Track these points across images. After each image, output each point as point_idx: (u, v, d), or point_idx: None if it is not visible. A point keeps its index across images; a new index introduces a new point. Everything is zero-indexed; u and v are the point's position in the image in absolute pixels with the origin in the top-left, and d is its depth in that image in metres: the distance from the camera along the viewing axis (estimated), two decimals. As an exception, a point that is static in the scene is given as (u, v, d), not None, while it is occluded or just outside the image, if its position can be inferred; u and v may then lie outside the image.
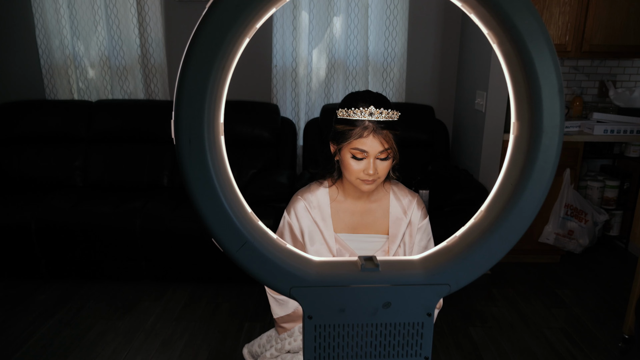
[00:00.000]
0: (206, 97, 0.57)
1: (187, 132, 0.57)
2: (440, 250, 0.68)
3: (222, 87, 0.60)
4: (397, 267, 0.65)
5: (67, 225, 2.94)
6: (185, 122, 0.57)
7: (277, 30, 3.52)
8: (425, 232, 1.48)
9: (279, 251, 0.64)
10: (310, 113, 3.72)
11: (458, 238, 0.67)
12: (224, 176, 0.61)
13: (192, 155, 0.57)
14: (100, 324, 2.66)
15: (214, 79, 0.57)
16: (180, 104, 0.57)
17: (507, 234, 0.63)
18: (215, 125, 0.60)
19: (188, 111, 0.57)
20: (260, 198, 3.00)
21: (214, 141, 0.59)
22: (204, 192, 0.59)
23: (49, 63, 3.66)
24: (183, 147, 0.57)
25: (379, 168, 1.31)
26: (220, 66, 0.57)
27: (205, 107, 0.57)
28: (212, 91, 0.58)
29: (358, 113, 1.27)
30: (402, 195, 1.48)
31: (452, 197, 2.87)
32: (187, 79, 0.57)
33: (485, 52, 3.08)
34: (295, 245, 1.47)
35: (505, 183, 0.65)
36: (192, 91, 0.57)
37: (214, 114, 0.59)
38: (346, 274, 0.63)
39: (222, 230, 0.60)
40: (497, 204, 0.64)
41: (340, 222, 1.45)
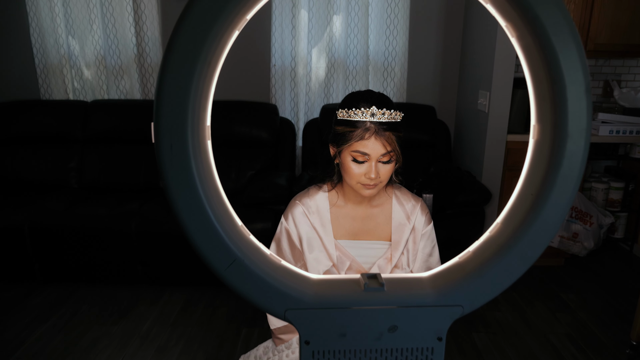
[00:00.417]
0: (190, 96, 0.50)
1: (168, 137, 0.51)
2: (451, 268, 0.61)
3: (208, 85, 0.53)
4: (404, 286, 0.59)
5: (61, 228, 2.88)
6: (167, 125, 0.51)
7: (276, 29, 3.45)
8: (429, 238, 1.41)
9: (272, 269, 0.57)
10: (310, 113, 3.65)
11: (471, 254, 0.60)
12: (211, 186, 0.54)
13: (174, 163, 0.51)
14: (94, 329, 2.59)
15: (198, 76, 0.51)
16: (160, 105, 0.51)
17: (527, 249, 0.56)
18: (200, 128, 0.53)
19: (169, 113, 0.51)
20: (258, 200, 2.94)
21: (199, 146, 0.52)
22: (188, 204, 0.52)
23: (43, 62, 3.59)
24: (164, 153, 0.51)
25: (381, 172, 1.25)
26: (206, 62, 0.50)
27: (189, 108, 0.51)
28: (197, 90, 0.51)
29: (359, 114, 1.20)
30: (405, 199, 1.41)
31: (454, 199, 2.81)
32: (168, 76, 0.50)
33: (488, 51, 3.02)
34: (293, 253, 1.40)
35: (525, 193, 0.58)
36: (174, 90, 0.50)
37: (200, 116, 0.53)
38: (347, 295, 0.57)
39: (209, 247, 0.54)
40: (516, 216, 0.58)
41: (341, 228, 1.39)
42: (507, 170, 3.14)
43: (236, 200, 3.12)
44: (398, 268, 1.37)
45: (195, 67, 0.50)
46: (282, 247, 1.41)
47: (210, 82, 0.54)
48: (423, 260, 1.40)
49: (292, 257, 1.41)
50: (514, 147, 3.10)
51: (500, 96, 2.98)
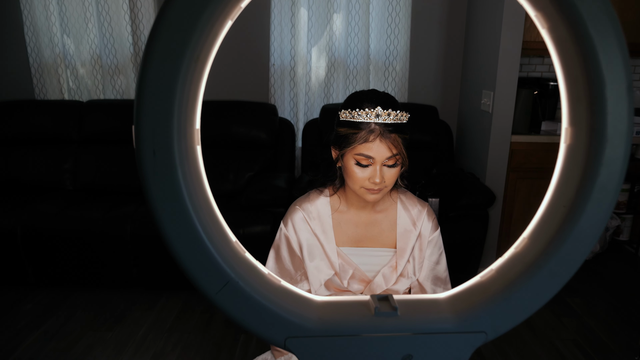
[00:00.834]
0: (176, 95, 0.44)
1: (150, 142, 0.44)
2: (472, 288, 0.54)
3: (197, 83, 0.46)
4: (420, 310, 0.52)
5: (55, 231, 2.81)
6: (149, 129, 0.44)
7: (275, 28, 3.38)
8: (436, 245, 1.35)
9: (271, 291, 0.50)
10: (310, 114, 3.59)
11: (495, 272, 0.53)
12: (201, 197, 0.48)
13: (158, 171, 0.44)
14: (88, 335, 2.53)
15: (186, 72, 0.44)
16: (142, 105, 0.44)
17: (559, 268, 0.50)
18: (188, 132, 0.46)
19: (152, 114, 0.44)
20: (256, 202, 2.87)
21: (186, 153, 0.45)
22: (174, 218, 0.46)
23: (37, 62, 3.52)
24: (146, 160, 0.44)
25: (386, 176, 1.18)
26: (194, 56, 0.43)
27: (175, 109, 0.44)
28: (184, 88, 0.44)
29: (363, 115, 1.14)
30: (411, 205, 1.35)
31: (457, 202, 2.74)
32: (151, 72, 0.44)
33: (492, 50, 2.95)
34: (293, 261, 1.34)
35: (556, 205, 0.51)
36: (158, 88, 0.44)
37: (188, 118, 0.46)
38: (356, 320, 0.50)
39: (197, 267, 0.47)
40: (546, 230, 0.51)
41: (343, 234, 1.32)
42: (511, 171, 3.08)
43: (234, 202, 3.06)
44: (404, 277, 1.31)
45: (182, 61, 0.43)
46: (282, 254, 1.34)
47: (199, 80, 0.47)
48: (430, 268, 1.34)
49: (292, 265, 1.34)
50: (518, 148, 3.04)
51: (505, 96, 2.91)
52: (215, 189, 3.25)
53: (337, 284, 1.30)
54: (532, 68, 3.53)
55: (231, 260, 0.49)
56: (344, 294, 1.34)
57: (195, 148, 0.48)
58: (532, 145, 3.04)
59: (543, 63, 3.52)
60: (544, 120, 3.25)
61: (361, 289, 1.33)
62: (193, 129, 0.48)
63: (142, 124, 0.44)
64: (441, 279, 1.34)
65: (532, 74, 3.54)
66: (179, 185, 0.45)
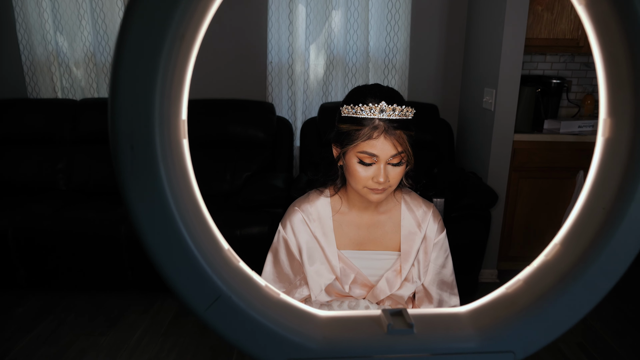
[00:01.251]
0: (157, 80, 0.37)
1: (127, 135, 0.38)
2: (497, 301, 0.48)
3: (182, 67, 0.40)
4: (438, 326, 0.46)
5: (48, 233, 2.74)
6: (125, 119, 0.38)
7: (272, 25, 3.32)
8: (442, 248, 1.28)
9: (268, 306, 0.44)
10: (308, 112, 3.52)
11: (523, 283, 0.47)
12: (187, 198, 0.41)
13: (136, 169, 0.38)
14: (81, 339, 2.46)
15: (169, 52, 0.37)
16: (117, 92, 0.38)
17: (598, 278, 0.44)
18: (173, 123, 0.40)
19: (129, 102, 0.38)
20: (254, 203, 2.80)
21: (170, 148, 0.39)
22: (155, 223, 0.39)
23: (30, 60, 3.45)
24: (122, 156, 0.38)
25: (390, 175, 1.12)
26: (178, 33, 0.37)
27: (156, 96, 0.38)
28: (167, 72, 0.38)
29: (366, 110, 1.07)
30: (416, 205, 1.28)
31: (459, 202, 2.68)
32: (128, 53, 0.37)
33: (494, 46, 2.89)
34: (291, 265, 1.27)
35: (593, 206, 0.45)
36: (136, 71, 0.37)
37: (172, 107, 0.40)
38: (366, 339, 0.44)
39: (184, 279, 0.41)
40: (582, 235, 0.45)
41: (344, 237, 1.25)
42: (514, 171, 3.02)
43: (231, 203, 2.99)
44: (408, 281, 1.24)
45: (165, 40, 0.37)
46: (280, 258, 1.28)
47: (185, 62, 0.41)
48: (435, 272, 1.27)
49: (291, 269, 1.28)
50: (520, 147, 2.98)
51: (507, 93, 2.85)
52: (211, 189, 3.19)
53: (338, 289, 1.24)
54: (534, 66, 3.47)
55: (222, 271, 0.42)
56: (345, 300, 1.28)
57: (181, 142, 0.42)
58: (535, 144, 2.99)
59: (545, 61, 3.46)
60: (546, 118, 3.19)
61: (363, 294, 1.26)
62: (178, 120, 0.41)
63: (117, 114, 0.38)
64: (447, 284, 1.28)
65: (534, 71, 3.48)
66: (161, 185, 0.39)
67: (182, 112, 0.42)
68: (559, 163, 3.02)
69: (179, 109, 0.41)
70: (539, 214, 3.10)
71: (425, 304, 1.29)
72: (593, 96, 3.48)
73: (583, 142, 2.98)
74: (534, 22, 2.98)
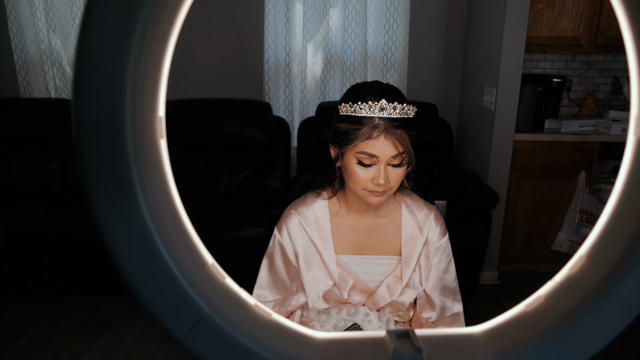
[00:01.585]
0: (128, 70, 0.32)
1: (93, 136, 0.32)
2: (515, 321, 0.43)
3: (158, 55, 0.35)
4: (450, 350, 0.41)
5: (40, 235, 2.68)
6: (90, 118, 0.32)
7: (269, 23, 3.26)
8: (444, 252, 1.23)
9: (258, 328, 0.39)
10: (305, 112, 3.47)
11: (544, 301, 0.42)
12: (165, 207, 0.36)
13: (104, 175, 0.32)
14: (73, 344, 2.40)
15: (141, 38, 0.32)
16: (81, 84, 0.32)
17: (631, 295, 0.39)
18: (147, 121, 0.35)
19: (95, 96, 0.32)
20: (251, 204, 2.75)
21: (144, 150, 0.34)
22: (127, 236, 0.34)
23: (22, 58, 3.39)
24: (88, 161, 0.32)
25: (391, 176, 1.06)
26: (152, 16, 0.32)
27: (127, 90, 0.32)
28: (140, 61, 0.33)
29: (366, 108, 1.02)
30: (417, 208, 1.23)
31: (459, 203, 2.63)
32: (93, 38, 0.32)
33: (495, 44, 2.84)
34: (288, 270, 1.22)
35: (624, 214, 0.40)
36: (103, 60, 0.32)
37: (146, 102, 0.34)
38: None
39: (160, 299, 0.35)
40: (612, 247, 0.40)
41: (343, 241, 1.20)
42: (514, 171, 2.97)
43: (227, 204, 2.94)
44: (409, 287, 1.19)
45: (136, 24, 0.32)
46: (276, 263, 1.23)
47: (161, 52, 0.35)
48: (438, 277, 1.22)
49: (287, 275, 1.22)
50: (521, 147, 2.94)
51: (508, 93, 2.81)
52: (207, 190, 3.13)
53: (337, 296, 1.18)
54: (534, 64, 3.42)
55: (206, 289, 0.37)
56: (344, 307, 1.23)
57: (158, 143, 0.37)
58: (536, 144, 2.94)
59: (546, 59, 3.41)
60: (547, 118, 3.15)
61: (363, 301, 1.21)
62: (155, 117, 0.36)
63: (80, 110, 0.33)
64: (450, 289, 1.23)
65: (534, 70, 3.43)
66: (134, 193, 0.34)
67: (158, 108, 0.36)
68: (560, 163, 2.97)
69: (154, 105, 0.36)
70: (540, 215, 3.06)
71: (427, 310, 1.24)
72: (594, 95, 3.44)
73: (584, 142, 2.94)
74: (534, 20, 2.94)
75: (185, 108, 3.26)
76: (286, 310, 1.22)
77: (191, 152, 3.22)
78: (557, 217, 3.05)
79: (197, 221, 2.72)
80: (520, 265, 3.18)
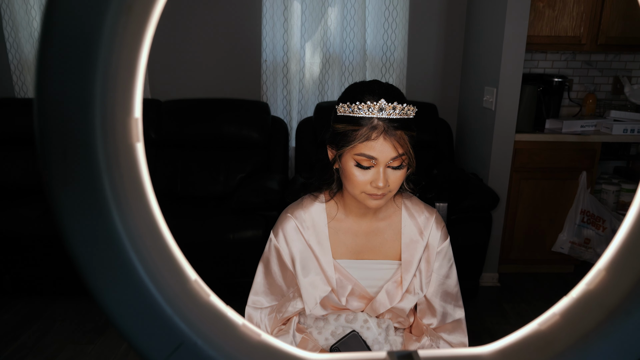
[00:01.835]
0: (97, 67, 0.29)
1: (58, 139, 0.29)
2: (528, 340, 0.39)
3: (132, 49, 0.31)
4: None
5: (35, 236, 2.64)
6: (55, 118, 0.29)
7: (267, 22, 3.23)
8: (446, 257, 1.19)
9: (246, 351, 0.35)
10: (304, 112, 3.43)
11: (560, 319, 0.39)
12: (142, 218, 0.32)
13: (72, 183, 0.29)
14: (68, 348, 2.36)
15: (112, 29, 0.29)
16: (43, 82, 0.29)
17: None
18: (121, 123, 0.31)
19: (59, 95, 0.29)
20: (248, 205, 2.71)
21: (117, 155, 0.30)
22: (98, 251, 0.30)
23: (17, 58, 3.35)
24: (52, 167, 0.29)
25: (390, 179, 1.03)
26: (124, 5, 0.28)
27: (97, 88, 0.29)
28: (111, 56, 0.29)
29: (364, 108, 0.98)
30: (417, 211, 1.19)
31: (459, 204, 2.60)
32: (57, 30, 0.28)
33: (495, 44, 2.81)
34: (284, 276, 1.18)
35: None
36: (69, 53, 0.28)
37: (119, 102, 0.31)
38: (368, 391, 0.35)
39: (136, 322, 0.32)
40: (634, 260, 0.36)
41: (341, 245, 1.17)
42: (515, 172, 2.94)
43: (224, 205, 2.90)
44: (409, 293, 1.16)
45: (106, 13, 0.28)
46: (272, 269, 1.19)
47: (136, 45, 0.32)
48: (439, 283, 1.19)
49: (284, 281, 1.19)
50: (521, 148, 2.90)
51: (509, 92, 2.77)
52: (204, 191, 3.10)
53: (335, 302, 1.15)
54: (535, 64, 3.39)
55: (187, 309, 0.33)
56: (342, 313, 1.19)
57: (133, 147, 0.33)
58: (537, 144, 2.91)
59: (546, 59, 3.38)
60: (547, 118, 3.12)
61: (361, 307, 1.18)
62: (130, 119, 0.32)
63: (44, 109, 0.29)
64: (451, 295, 1.19)
65: (535, 70, 3.40)
66: (105, 204, 0.30)
67: (134, 108, 0.33)
68: (561, 164, 2.94)
69: (129, 105, 0.32)
70: (541, 216, 3.02)
71: (428, 317, 1.21)
72: (595, 95, 3.40)
73: (586, 142, 2.91)
74: (535, 19, 2.90)
75: (182, 108, 3.22)
76: (282, 316, 1.19)
77: (188, 152, 3.18)
78: (558, 218, 3.02)
79: (193, 223, 2.68)
80: (520, 267, 3.15)
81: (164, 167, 3.15)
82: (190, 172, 3.13)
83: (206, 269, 2.69)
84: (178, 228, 2.65)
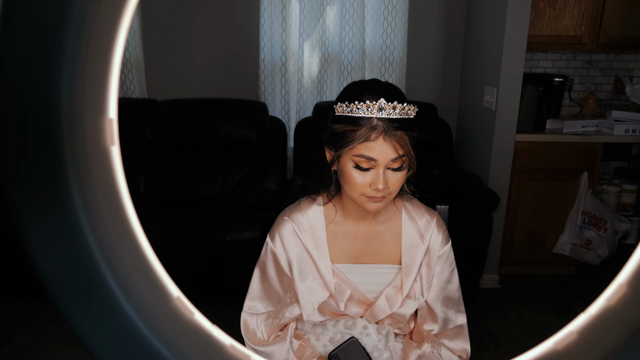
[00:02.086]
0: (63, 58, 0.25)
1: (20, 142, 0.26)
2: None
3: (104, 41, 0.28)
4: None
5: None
6: (17, 120, 0.26)
7: (265, 21, 3.19)
8: (447, 261, 1.16)
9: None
10: (302, 112, 3.40)
11: (578, 338, 0.35)
12: (118, 231, 0.29)
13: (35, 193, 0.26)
14: (62, 353, 2.33)
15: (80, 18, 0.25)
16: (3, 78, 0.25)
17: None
18: (92, 125, 0.28)
19: (20, 92, 0.25)
20: (246, 206, 2.68)
21: (87, 160, 0.27)
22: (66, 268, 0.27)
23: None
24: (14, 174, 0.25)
25: (390, 181, 0.99)
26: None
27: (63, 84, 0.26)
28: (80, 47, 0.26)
29: (363, 108, 0.95)
30: (418, 214, 1.16)
31: (460, 205, 2.57)
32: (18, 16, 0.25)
33: (496, 43, 2.78)
34: (281, 281, 1.15)
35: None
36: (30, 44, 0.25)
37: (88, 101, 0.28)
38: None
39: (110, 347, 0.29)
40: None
41: (339, 249, 1.13)
42: (515, 172, 2.91)
43: (222, 206, 2.87)
44: (410, 298, 1.12)
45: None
46: (268, 273, 1.16)
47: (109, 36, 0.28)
48: (440, 287, 1.15)
49: (280, 286, 1.15)
50: (522, 148, 2.87)
51: (509, 92, 2.74)
52: (201, 192, 3.06)
53: (333, 308, 1.11)
54: (535, 64, 3.36)
55: (168, 330, 0.30)
56: (340, 319, 1.16)
57: (107, 151, 0.30)
58: (537, 144, 2.88)
59: (547, 58, 3.35)
60: (548, 118, 3.09)
61: (361, 312, 1.14)
62: (102, 120, 0.29)
63: (4, 108, 0.26)
64: (453, 300, 1.16)
65: (535, 69, 3.37)
66: (74, 215, 0.27)
67: (108, 107, 0.30)
68: (562, 164, 2.91)
69: (102, 103, 0.29)
70: (542, 217, 2.99)
71: (429, 322, 1.17)
72: (596, 95, 3.38)
73: (587, 142, 2.88)
74: (535, 19, 2.87)
75: (179, 108, 3.19)
76: (279, 322, 1.15)
77: (184, 153, 3.15)
78: (559, 220, 2.99)
79: (190, 224, 2.65)
80: (521, 269, 3.12)
81: (161, 167, 3.12)
82: (188, 173, 3.09)
83: (202, 271, 2.66)
84: (174, 229, 2.62)
